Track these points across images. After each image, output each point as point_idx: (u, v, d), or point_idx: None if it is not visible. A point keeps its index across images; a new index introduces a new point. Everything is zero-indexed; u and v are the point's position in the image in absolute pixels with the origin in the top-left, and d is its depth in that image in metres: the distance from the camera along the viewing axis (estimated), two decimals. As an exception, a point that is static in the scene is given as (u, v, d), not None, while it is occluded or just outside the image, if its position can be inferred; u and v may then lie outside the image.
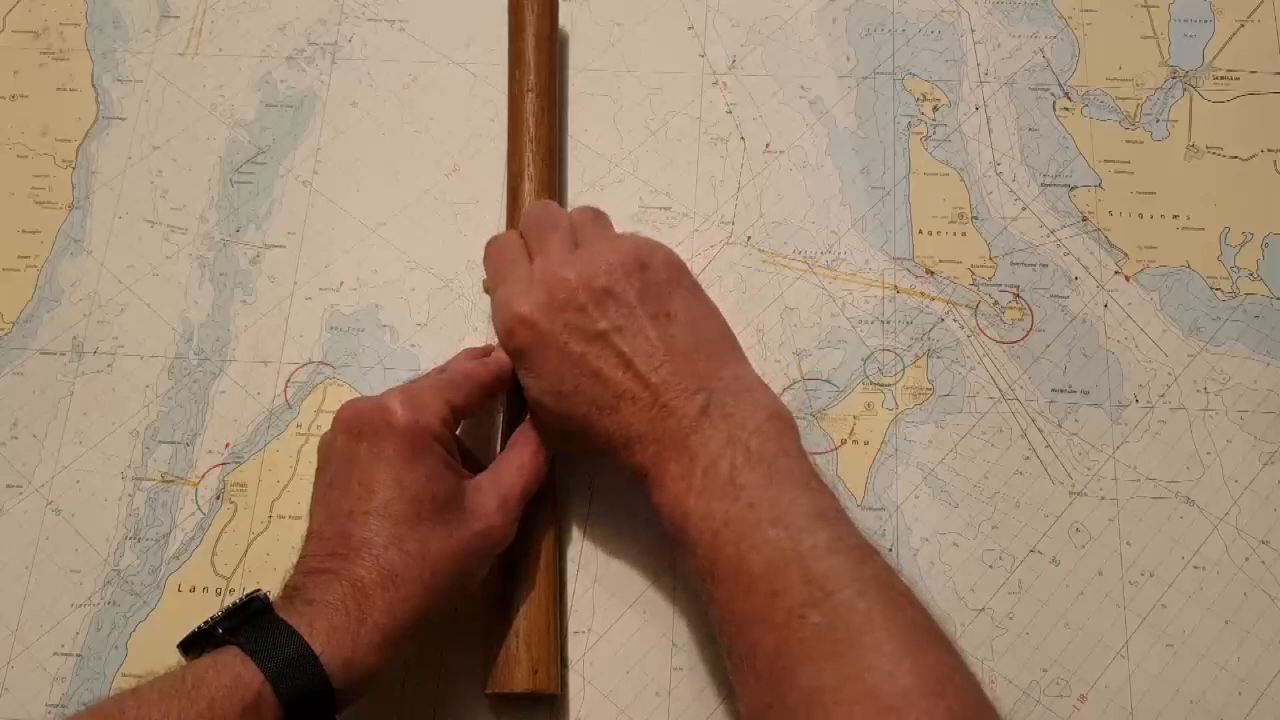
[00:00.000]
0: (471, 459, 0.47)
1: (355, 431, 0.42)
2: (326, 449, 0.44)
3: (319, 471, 0.44)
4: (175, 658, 0.38)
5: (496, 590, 0.46)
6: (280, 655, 0.37)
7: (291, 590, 0.40)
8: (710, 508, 0.39)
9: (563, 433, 0.45)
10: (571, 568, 0.49)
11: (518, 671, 0.44)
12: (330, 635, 0.37)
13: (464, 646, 0.47)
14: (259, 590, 0.40)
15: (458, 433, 0.46)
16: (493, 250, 0.49)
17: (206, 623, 0.39)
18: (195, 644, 0.39)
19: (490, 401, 0.49)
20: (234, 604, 0.39)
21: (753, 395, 0.43)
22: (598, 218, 0.48)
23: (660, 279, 0.45)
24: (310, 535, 0.42)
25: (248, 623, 0.38)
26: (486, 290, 0.49)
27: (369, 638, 0.38)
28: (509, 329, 0.44)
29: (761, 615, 0.37)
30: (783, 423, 0.42)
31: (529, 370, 0.44)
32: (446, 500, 0.42)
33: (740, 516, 0.39)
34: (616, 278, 0.44)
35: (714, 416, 0.41)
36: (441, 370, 0.47)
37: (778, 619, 0.36)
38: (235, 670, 0.36)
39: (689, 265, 0.55)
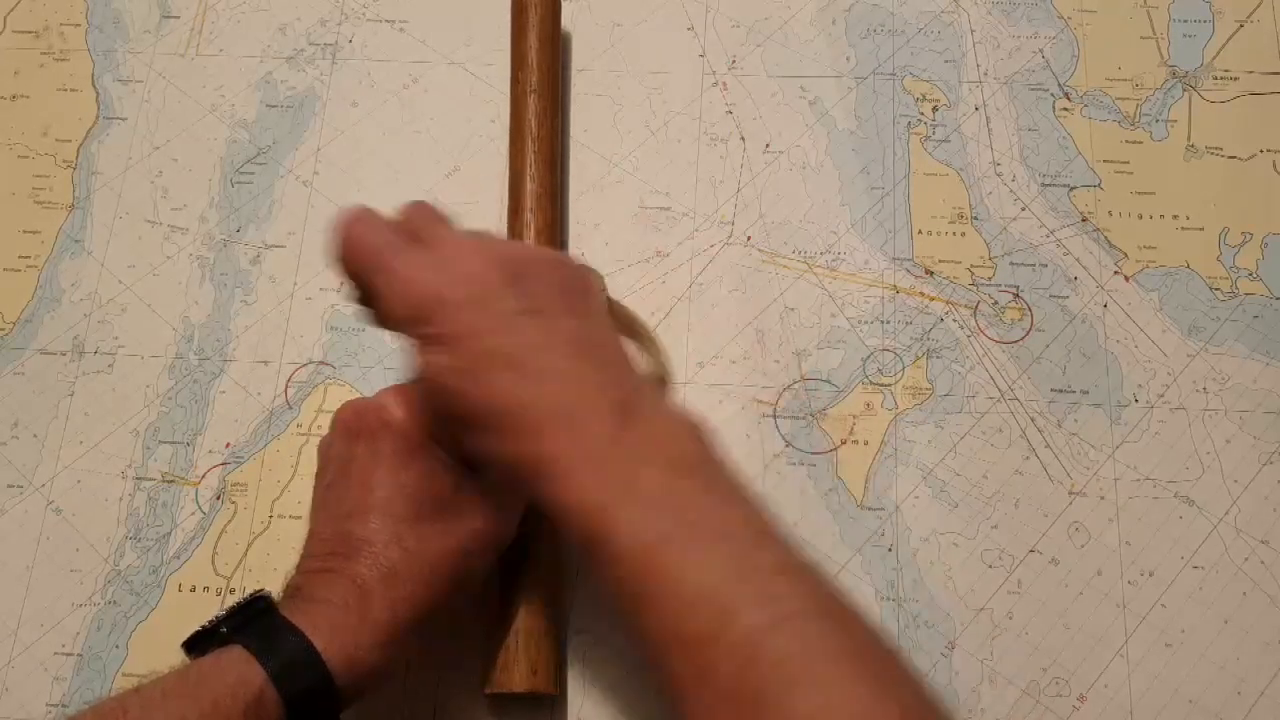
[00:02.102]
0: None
1: (353, 431, 0.42)
2: (326, 450, 0.44)
3: (319, 473, 0.44)
4: (176, 657, 0.38)
5: (496, 590, 0.46)
6: (283, 654, 0.37)
7: (293, 590, 0.40)
8: (638, 521, 0.36)
9: (453, 416, 0.40)
10: (571, 567, 0.49)
11: (517, 672, 0.44)
12: (333, 634, 0.37)
13: (464, 647, 0.47)
14: (262, 590, 0.40)
15: None
16: (358, 235, 0.42)
17: (210, 622, 0.39)
18: (199, 643, 0.39)
19: None
20: (237, 604, 0.39)
21: (668, 404, 0.40)
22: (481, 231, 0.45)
23: (577, 282, 0.42)
24: (311, 536, 0.42)
25: (251, 622, 0.38)
26: (357, 285, 0.42)
27: (371, 636, 0.38)
28: (415, 304, 0.40)
29: (714, 636, 0.33)
30: (706, 432, 0.39)
31: (431, 346, 0.39)
32: (446, 498, 0.42)
33: (677, 531, 0.35)
34: (538, 264, 0.41)
35: (633, 416, 0.38)
36: None
37: (735, 640, 0.33)
38: (238, 669, 0.36)
39: (689, 265, 0.56)
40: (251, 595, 0.40)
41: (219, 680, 0.36)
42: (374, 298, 0.41)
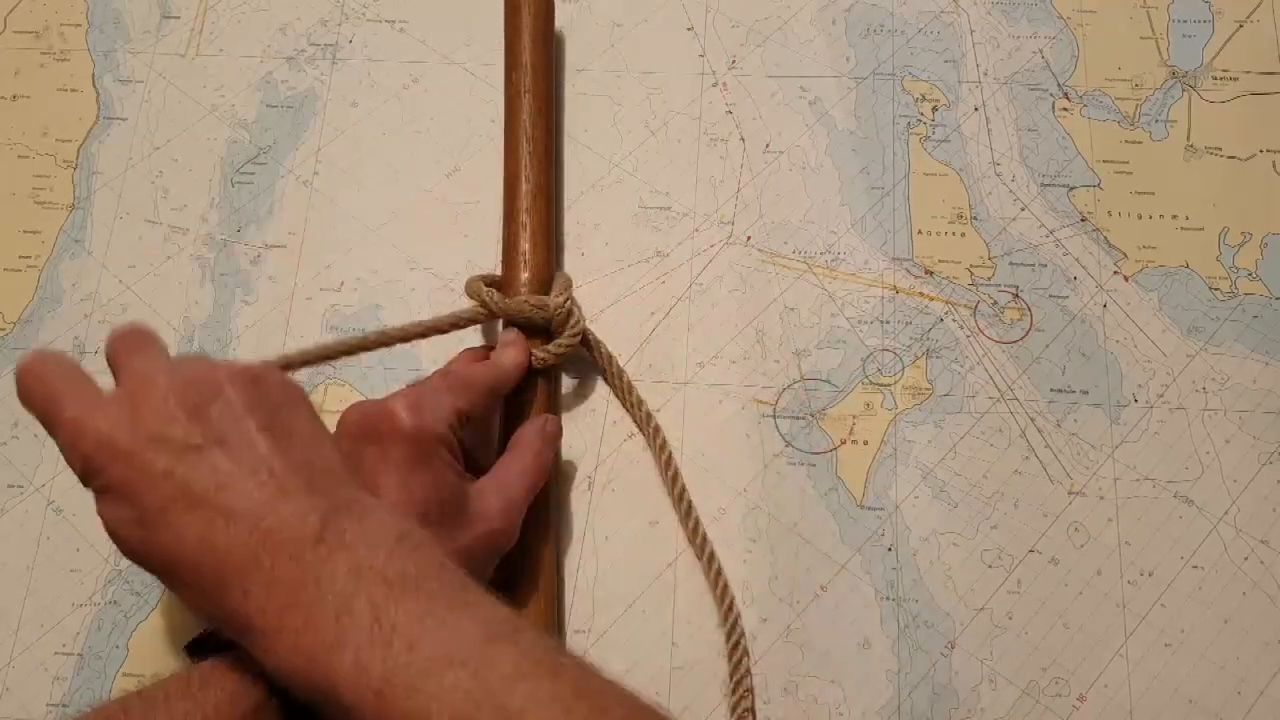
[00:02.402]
0: (473, 461, 0.48)
1: (361, 435, 0.42)
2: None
3: None
4: (176, 657, 0.39)
5: (496, 591, 0.46)
6: None
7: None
8: (360, 661, 0.32)
9: (152, 572, 0.37)
10: (571, 567, 0.49)
11: None
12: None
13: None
14: None
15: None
16: (31, 380, 0.39)
17: (213, 626, 0.39)
18: (202, 648, 0.39)
19: (493, 404, 0.49)
20: None
21: (375, 515, 0.36)
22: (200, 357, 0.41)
23: (276, 395, 0.39)
24: None
25: None
26: (51, 428, 0.38)
27: None
28: (83, 454, 0.36)
29: None
30: (416, 539, 0.36)
31: (108, 498, 0.36)
32: (452, 504, 0.42)
33: (404, 665, 0.32)
34: (229, 386, 0.37)
35: (332, 544, 0.34)
36: (445, 373, 0.47)
37: None
38: (240, 673, 0.36)
39: (689, 265, 0.56)
40: None
41: (221, 685, 0.36)
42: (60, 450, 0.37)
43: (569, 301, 0.50)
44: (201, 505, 0.35)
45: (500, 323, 0.52)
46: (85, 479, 0.37)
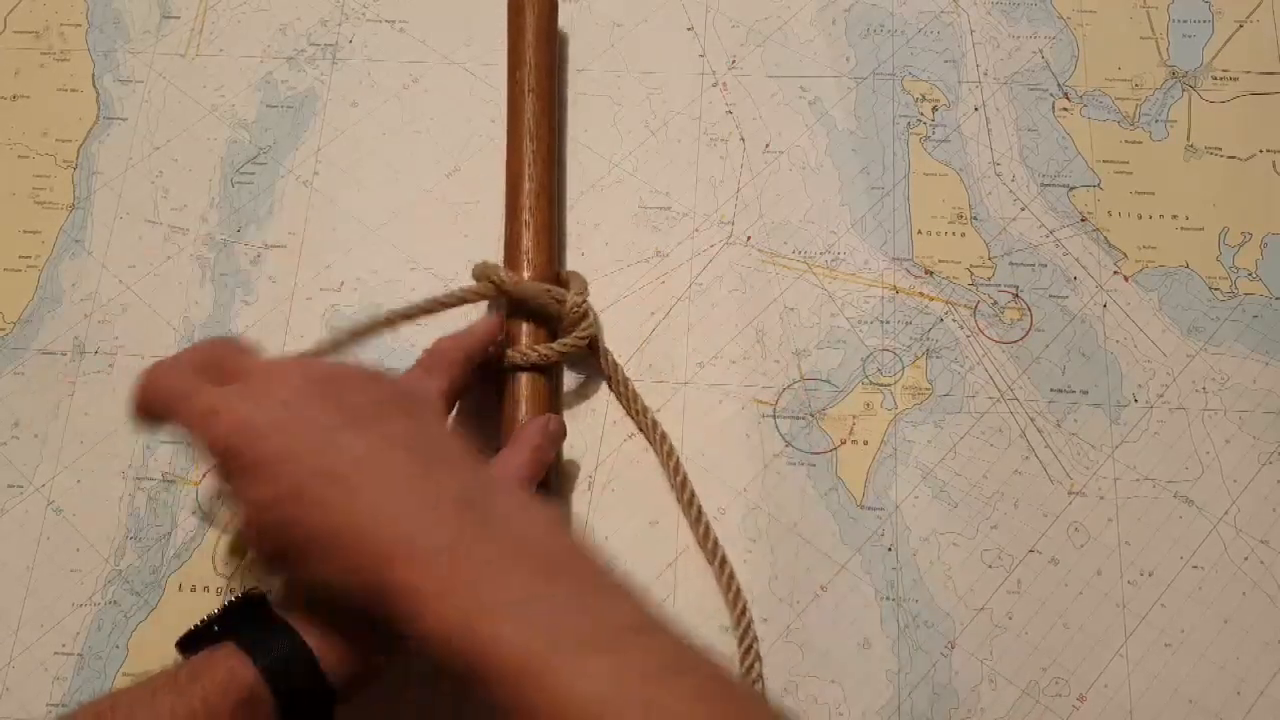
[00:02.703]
0: None
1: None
2: None
3: None
4: (176, 657, 0.39)
5: None
6: (275, 652, 0.36)
7: (291, 585, 0.40)
8: (513, 634, 0.33)
9: (290, 554, 0.37)
10: (571, 567, 0.49)
11: None
12: (328, 631, 0.37)
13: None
14: (256, 588, 0.40)
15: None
16: (154, 382, 0.41)
17: (203, 621, 0.39)
18: (192, 643, 0.39)
19: (471, 375, 0.48)
20: (231, 602, 0.39)
21: (517, 493, 0.38)
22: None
23: (400, 387, 0.41)
24: None
25: (244, 620, 0.38)
26: (186, 423, 0.39)
27: (371, 635, 0.38)
28: (224, 437, 0.37)
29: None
30: (559, 517, 0.37)
31: (249, 478, 0.37)
32: None
33: (552, 641, 0.33)
34: (354, 379, 0.39)
35: (490, 523, 0.35)
36: (419, 361, 0.46)
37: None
38: (229, 666, 0.36)
39: (689, 265, 0.56)
40: (245, 593, 0.40)
41: (209, 677, 0.36)
42: (194, 445, 0.38)
43: (586, 303, 0.50)
44: (345, 483, 0.35)
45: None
46: (226, 462, 0.37)
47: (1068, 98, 0.58)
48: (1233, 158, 0.57)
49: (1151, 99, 0.58)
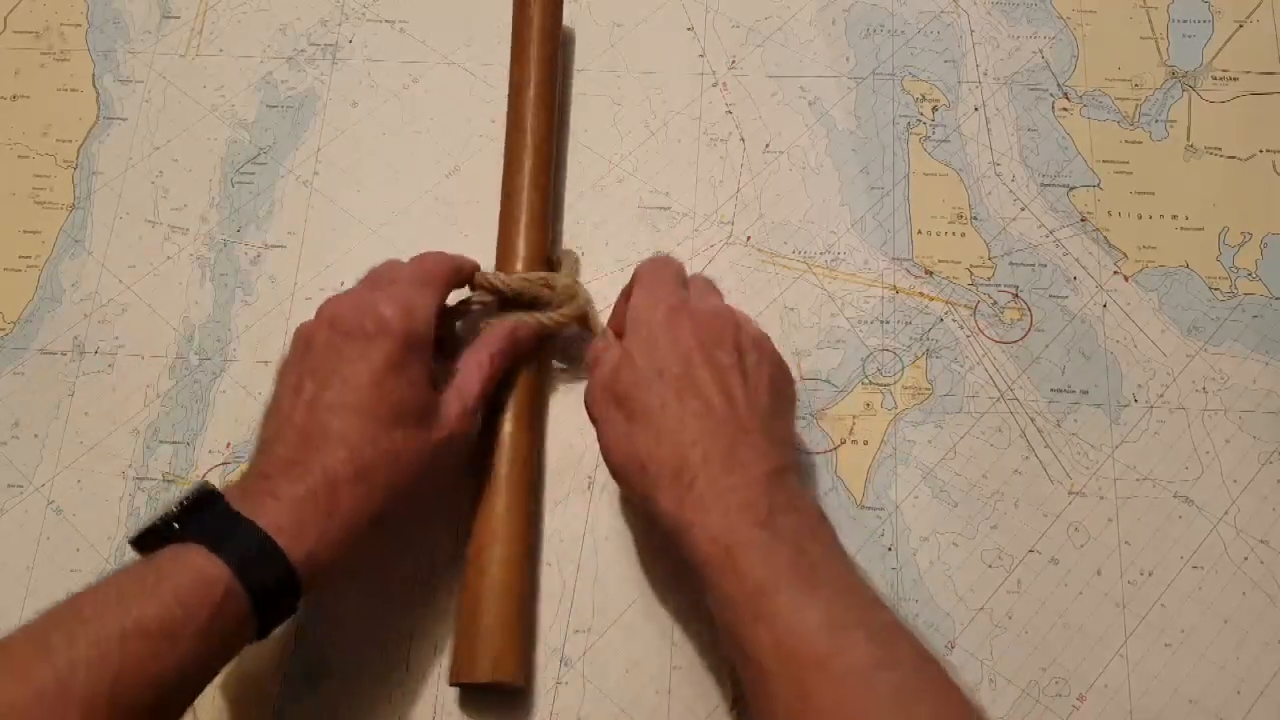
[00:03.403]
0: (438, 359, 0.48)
1: (343, 330, 0.43)
2: (307, 339, 0.45)
3: (293, 360, 0.45)
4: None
5: (472, 580, 0.46)
6: (243, 548, 0.37)
7: (259, 478, 0.40)
8: (776, 550, 0.38)
9: (649, 407, 0.42)
10: (571, 568, 0.49)
11: (480, 662, 0.44)
12: (298, 528, 0.38)
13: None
14: (206, 484, 0.40)
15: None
16: (657, 269, 0.48)
17: (161, 520, 0.39)
18: (150, 540, 0.39)
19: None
20: (186, 498, 0.39)
21: (807, 486, 0.44)
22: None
23: (771, 350, 0.45)
24: (280, 419, 0.42)
25: (205, 518, 0.38)
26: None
27: (336, 534, 0.39)
28: (627, 380, 0.43)
29: (822, 663, 0.36)
30: (826, 521, 0.42)
31: (625, 416, 0.43)
32: (422, 408, 0.43)
33: (805, 570, 0.38)
34: (752, 333, 0.45)
35: (780, 486, 0.40)
36: (414, 270, 0.48)
37: (840, 670, 0.35)
38: (198, 565, 0.36)
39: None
40: (197, 489, 0.40)
41: (180, 578, 0.36)
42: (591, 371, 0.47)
43: (575, 284, 0.51)
44: (706, 393, 0.41)
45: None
46: (614, 396, 0.43)
47: (1068, 98, 0.58)
48: (1233, 158, 0.57)
49: (1151, 99, 0.58)
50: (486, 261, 0.56)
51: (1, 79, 0.62)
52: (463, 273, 0.50)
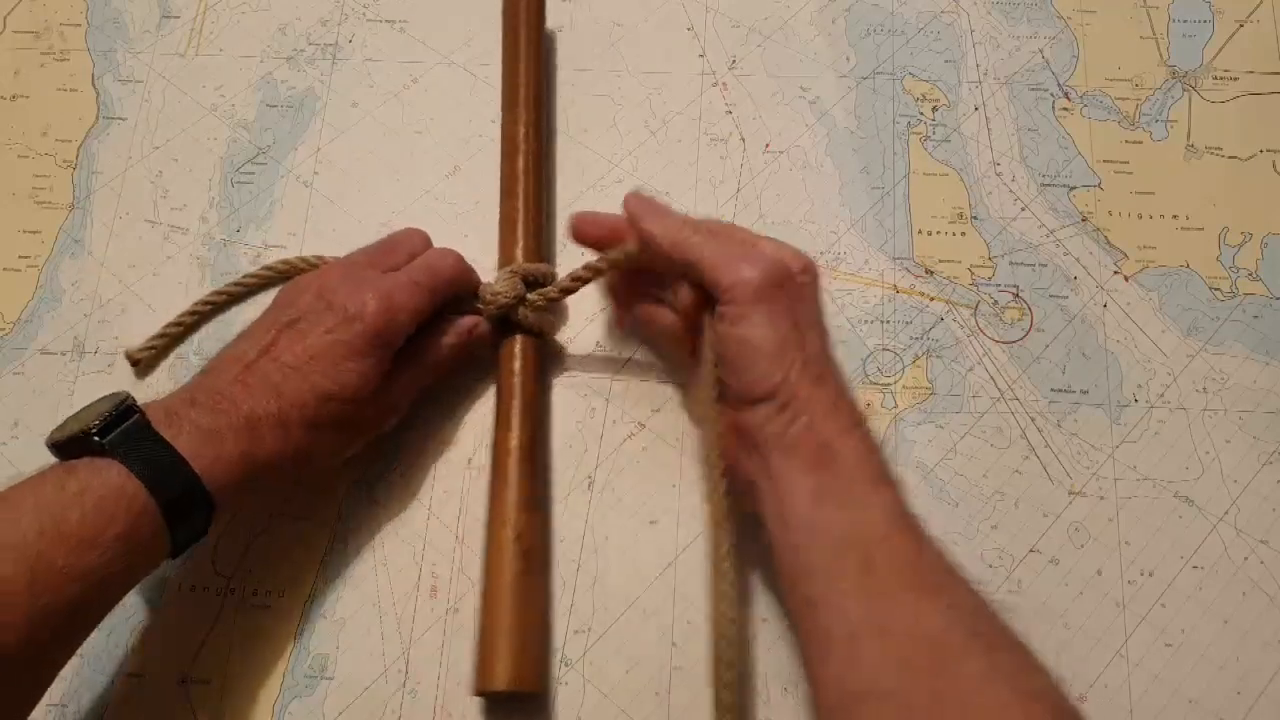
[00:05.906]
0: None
1: (326, 300, 0.46)
2: (295, 294, 0.47)
3: (277, 307, 0.47)
4: (178, 662, 0.39)
5: (489, 589, 0.46)
6: (156, 465, 0.39)
7: (186, 404, 0.42)
8: (887, 500, 0.41)
9: (755, 351, 0.44)
10: (571, 568, 0.49)
11: (499, 670, 0.44)
12: (214, 457, 0.40)
13: (465, 645, 0.47)
14: (128, 397, 0.41)
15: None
16: (722, 227, 0.48)
17: (82, 431, 0.40)
18: (69, 447, 0.40)
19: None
20: (109, 413, 0.40)
21: (873, 446, 0.44)
22: None
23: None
24: (235, 355, 0.45)
25: (129, 436, 0.40)
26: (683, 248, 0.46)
27: (250, 467, 0.42)
28: (786, 268, 0.44)
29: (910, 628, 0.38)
30: (897, 482, 0.43)
31: (766, 308, 0.44)
32: (364, 399, 0.45)
33: (914, 527, 0.40)
34: (815, 273, 0.46)
35: (848, 434, 0.42)
36: (425, 271, 0.49)
37: (930, 629, 0.38)
38: (117, 482, 0.38)
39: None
40: (120, 403, 0.41)
41: (100, 490, 0.38)
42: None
43: (551, 275, 0.52)
44: (785, 338, 0.43)
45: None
46: (764, 274, 0.44)
47: (1068, 98, 0.58)
48: (1233, 158, 0.57)
49: (1152, 99, 0.58)
50: (488, 262, 0.56)
51: (1, 79, 0.62)
52: (467, 286, 0.52)
